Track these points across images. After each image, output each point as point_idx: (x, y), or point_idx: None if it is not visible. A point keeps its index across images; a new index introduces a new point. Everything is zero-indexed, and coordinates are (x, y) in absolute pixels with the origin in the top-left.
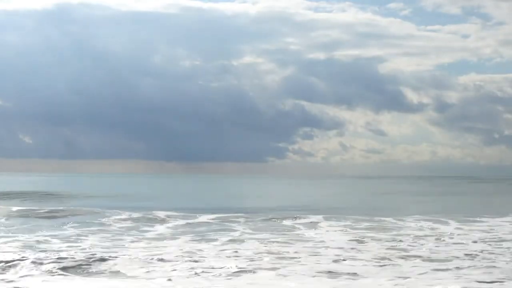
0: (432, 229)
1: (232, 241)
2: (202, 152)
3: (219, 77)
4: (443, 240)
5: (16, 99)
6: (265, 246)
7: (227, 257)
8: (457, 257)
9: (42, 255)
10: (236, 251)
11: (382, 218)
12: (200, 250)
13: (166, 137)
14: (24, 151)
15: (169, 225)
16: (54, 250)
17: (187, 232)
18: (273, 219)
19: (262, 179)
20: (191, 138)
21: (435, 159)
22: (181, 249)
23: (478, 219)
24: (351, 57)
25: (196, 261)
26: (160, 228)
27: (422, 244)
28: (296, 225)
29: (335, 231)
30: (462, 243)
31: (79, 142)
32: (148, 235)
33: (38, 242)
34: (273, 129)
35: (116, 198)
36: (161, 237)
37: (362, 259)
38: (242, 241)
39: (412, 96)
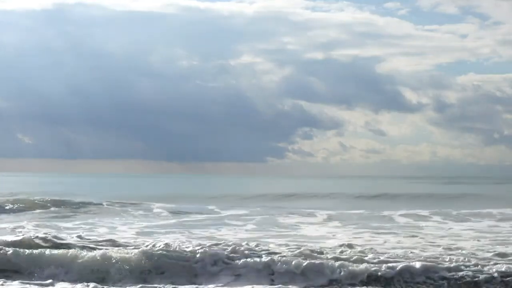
0: None
1: None
2: (202, 152)
3: (217, 77)
4: None
5: (14, 99)
6: None
7: None
8: None
9: None
10: None
11: None
12: None
13: (165, 137)
14: (23, 151)
15: None
16: None
17: None
18: None
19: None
20: (191, 138)
21: (435, 159)
22: None
23: None
24: (349, 57)
25: None
26: None
27: None
28: None
29: None
30: None
31: (79, 142)
32: None
33: None
34: (272, 129)
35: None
36: None
37: None
38: None
39: (411, 96)
